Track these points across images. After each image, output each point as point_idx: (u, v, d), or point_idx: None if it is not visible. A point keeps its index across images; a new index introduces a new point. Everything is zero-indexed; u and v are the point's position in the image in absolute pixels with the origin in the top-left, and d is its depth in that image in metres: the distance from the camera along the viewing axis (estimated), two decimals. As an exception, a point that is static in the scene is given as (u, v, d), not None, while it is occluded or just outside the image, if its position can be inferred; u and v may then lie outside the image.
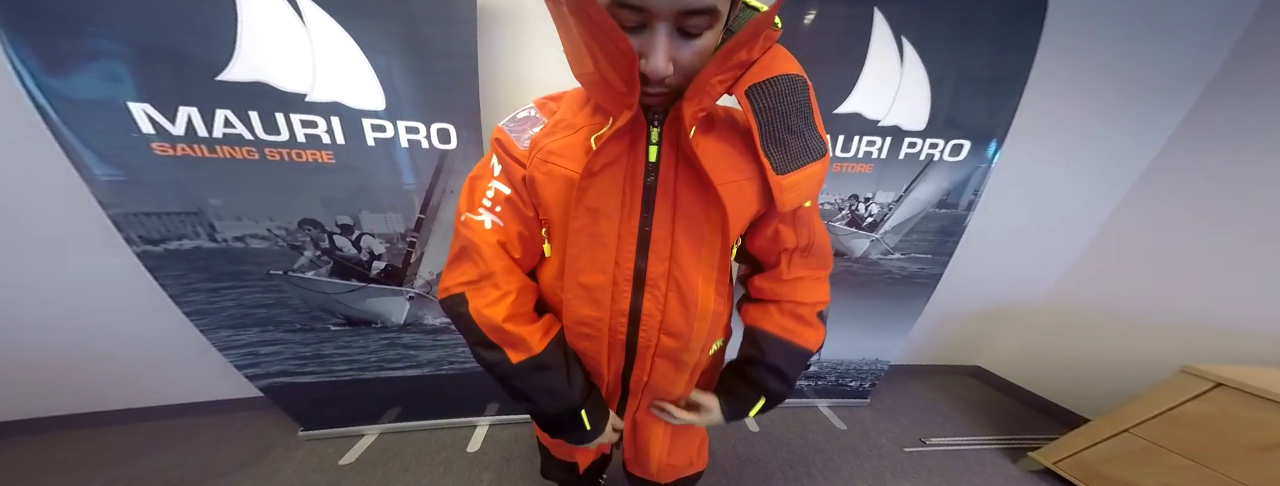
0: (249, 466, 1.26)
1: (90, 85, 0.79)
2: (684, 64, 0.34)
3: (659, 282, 0.46)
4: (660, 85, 0.35)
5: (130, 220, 0.92)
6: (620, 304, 0.47)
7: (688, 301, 0.46)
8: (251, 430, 1.43)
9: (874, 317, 1.46)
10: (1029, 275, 1.71)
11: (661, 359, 0.51)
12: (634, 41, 0.32)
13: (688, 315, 0.47)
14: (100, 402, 1.39)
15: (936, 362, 1.96)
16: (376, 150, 0.96)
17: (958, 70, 1.09)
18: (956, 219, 1.29)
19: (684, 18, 0.30)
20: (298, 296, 1.11)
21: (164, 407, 1.45)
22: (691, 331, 0.48)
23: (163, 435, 1.39)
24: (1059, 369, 1.67)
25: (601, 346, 0.49)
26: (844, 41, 1.05)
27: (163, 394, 1.43)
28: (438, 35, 0.90)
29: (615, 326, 0.48)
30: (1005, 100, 1.12)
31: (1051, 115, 1.37)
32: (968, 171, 1.21)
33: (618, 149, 0.41)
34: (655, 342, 0.49)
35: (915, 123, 1.14)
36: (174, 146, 0.87)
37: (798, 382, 0.59)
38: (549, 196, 0.45)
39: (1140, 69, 1.32)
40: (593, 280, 0.45)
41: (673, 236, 0.45)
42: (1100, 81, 1.34)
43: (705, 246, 0.45)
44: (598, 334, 0.48)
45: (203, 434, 1.41)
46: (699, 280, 0.46)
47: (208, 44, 0.81)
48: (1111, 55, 1.31)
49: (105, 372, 1.33)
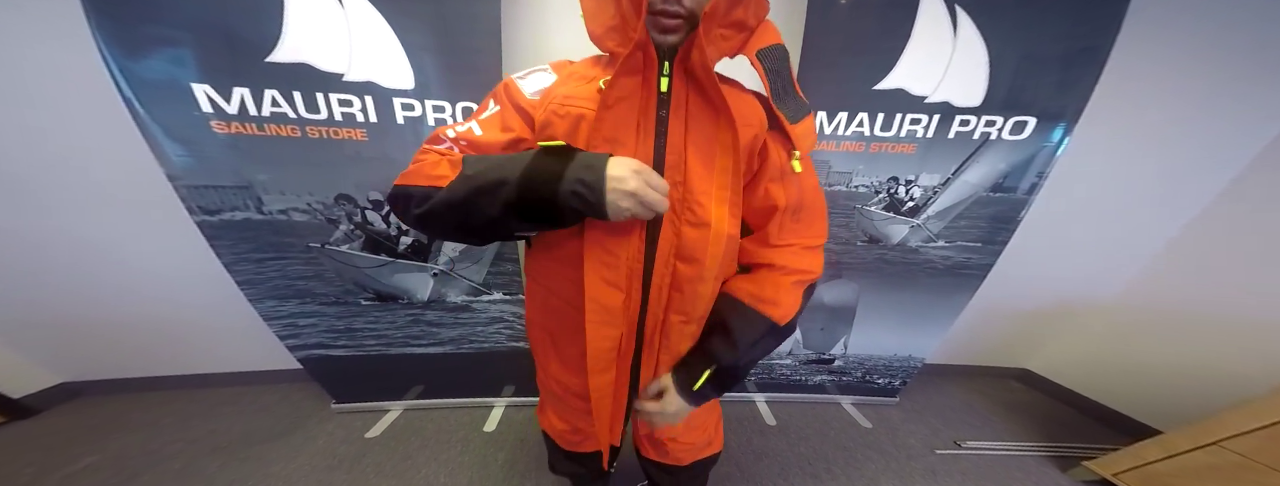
0: (286, 435, 1.39)
1: (160, 68, 0.88)
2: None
3: (673, 206, 0.47)
4: (678, 4, 0.41)
5: (192, 192, 1.02)
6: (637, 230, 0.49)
7: (700, 222, 0.47)
8: (290, 401, 1.56)
9: (910, 311, 1.39)
10: (1097, 272, 1.56)
11: (676, 292, 0.51)
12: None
13: (702, 237, 0.48)
14: (169, 368, 1.57)
15: (976, 363, 1.85)
16: (405, 128, 1.02)
17: (1023, 43, 1.01)
18: (1014, 204, 1.19)
19: None
20: (333, 269, 1.19)
21: (218, 375, 1.62)
22: (706, 256, 0.48)
23: (215, 400, 1.55)
24: (1125, 375, 1.55)
25: (620, 277, 0.49)
26: (885, 13, 0.99)
27: (219, 361, 1.60)
28: (464, 14, 0.94)
29: (633, 256, 0.49)
30: (1081, 76, 1.02)
31: (1137, 96, 1.24)
32: (1030, 152, 1.11)
33: (631, 84, 0.44)
34: (671, 271, 0.50)
35: (969, 99, 1.05)
36: (228, 124, 0.96)
37: (755, 358, 0.55)
38: (562, 135, 0.47)
39: (1252, 50, 1.16)
40: None
41: (686, 161, 0.47)
42: (1202, 61, 1.20)
43: (717, 168, 0.46)
44: (616, 262, 0.48)
45: (246, 401, 1.56)
46: (712, 202, 0.47)
47: (258, 28, 0.88)
48: (1215, 33, 1.15)
49: (175, 339, 1.51)
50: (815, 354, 1.53)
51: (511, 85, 0.51)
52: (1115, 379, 1.56)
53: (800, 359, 1.55)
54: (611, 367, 0.56)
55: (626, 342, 0.55)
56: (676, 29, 0.42)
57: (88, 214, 1.25)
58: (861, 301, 1.38)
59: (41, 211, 1.22)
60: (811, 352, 1.53)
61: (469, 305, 1.32)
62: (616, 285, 0.49)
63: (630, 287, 0.50)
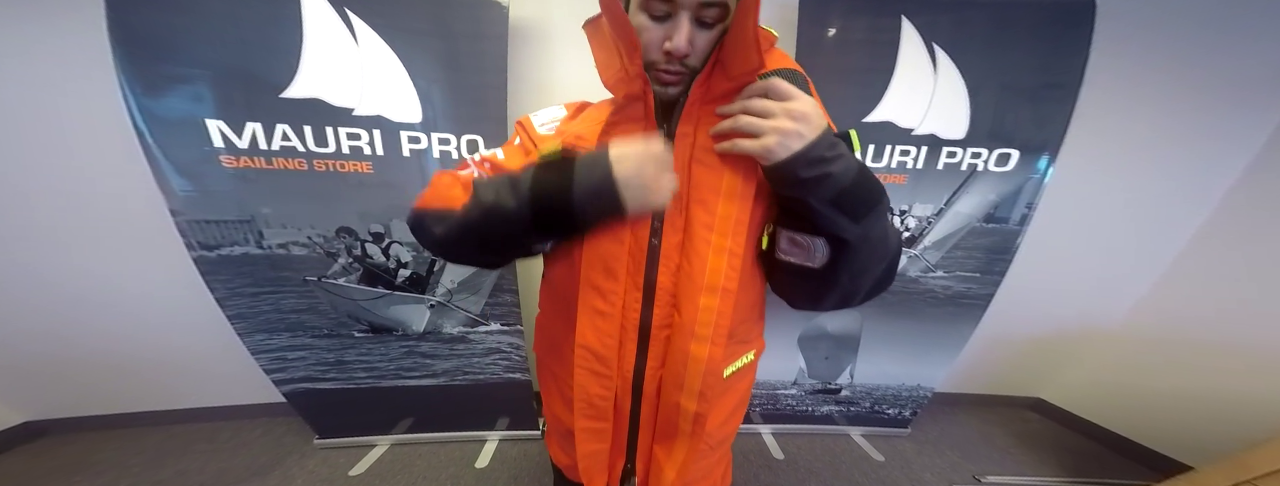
0: (263, 473, 1.35)
1: (177, 105, 0.95)
2: (700, 48, 0.42)
3: (672, 254, 0.47)
4: (680, 64, 0.42)
5: (193, 227, 1.06)
6: (635, 277, 0.48)
7: (696, 273, 0.46)
8: (270, 436, 1.53)
9: (914, 340, 1.42)
10: (1100, 298, 1.62)
11: (675, 347, 0.49)
12: (661, 28, 0.41)
13: (694, 287, 0.46)
14: (145, 403, 1.54)
15: (989, 392, 1.86)
16: (411, 161, 1.07)
17: (998, 78, 1.10)
18: (1007, 235, 1.25)
19: (702, 9, 0.39)
20: (328, 302, 1.21)
21: (198, 410, 1.59)
22: (697, 307, 0.46)
23: (191, 437, 1.51)
24: (1139, 403, 1.56)
25: (614, 326, 0.49)
26: (871, 50, 1.09)
27: (197, 397, 1.57)
28: (471, 51, 1.03)
29: (629, 302, 0.49)
30: (1056, 108, 1.11)
31: (1117, 124, 1.35)
32: (1017, 183, 1.18)
33: (631, 130, 0.46)
34: (669, 323, 0.49)
35: (953, 131, 1.14)
36: (238, 159, 1.01)
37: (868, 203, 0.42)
38: None
39: (1221, 74, 1.28)
40: (609, 249, 0.47)
41: (687, 208, 0.46)
42: (1177, 86, 1.31)
43: (718, 217, 0.45)
44: (612, 309, 0.48)
45: (223, 437, 1.52)
46: (710, 252, 0.45)
47: (276, 65, 0.96)
48: (1184, 61, 1.27)
49: (151, 375, 1.49)
50: (821, 383, 1.54)
51: (526, 121, 0.56)
52: (1130, 408, 1.57)
53: (806, 388, 1.55)
54: (606, 421, 0.53)
55: (622, 397, 0.53)
56: (675, 83, 0.44)
57: (74, 249, 1.26)
58: (865, 330, 1.42)
59: (23, 245, 1.23)
60: (817, 382, 1.53)
61: (465, 336, 1.32)
62: (609, 334, 0.48)
63: (624, 337, 0.49)
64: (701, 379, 0.49)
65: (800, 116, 0.37)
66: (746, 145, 0.39)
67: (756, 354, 0.60)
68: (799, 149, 0.37)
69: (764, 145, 0.38)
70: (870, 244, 0.42)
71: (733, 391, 0.59)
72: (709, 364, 0.48)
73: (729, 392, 0.58)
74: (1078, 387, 1.72)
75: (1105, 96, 1.26)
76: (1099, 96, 1.22)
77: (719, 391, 0.53)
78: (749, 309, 0.53)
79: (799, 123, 0.37)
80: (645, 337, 0.50)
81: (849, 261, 0.43)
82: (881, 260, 0.44)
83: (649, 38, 0.41)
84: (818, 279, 0.45)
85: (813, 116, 0.37)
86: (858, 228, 0.40)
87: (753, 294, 0.53)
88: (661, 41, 0.40)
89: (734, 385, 0.58)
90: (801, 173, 0.37)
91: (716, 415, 0.56)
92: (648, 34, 0.41)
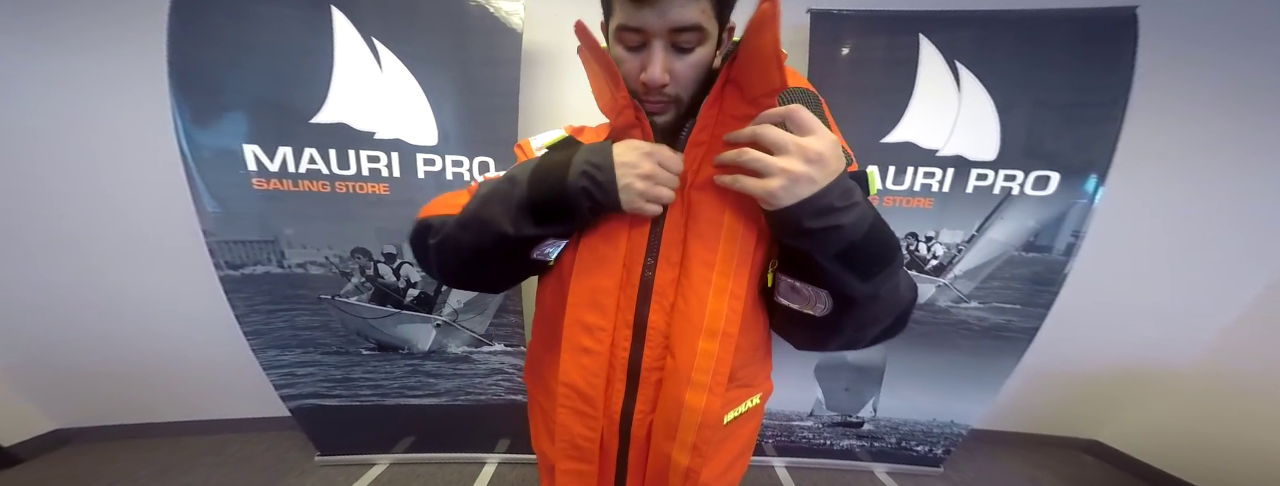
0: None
1: (220, 131, 1.03)
2: (680, 75, 0.40)
3: (667, 291, 0.44)
4: (660, 93, 0.41)
5: (222, 247, 1.12)
6: (625, 314, 0.45)
7: (694, 313, 0.43)
8: (274, 452, 1.54)
9: (945, 374, 1.32)
10: (1166, 334, 1.47)
11: (667, 392, 0.45)
12: (638, 58, 0.39)
13: (691, 328, 0.43)
14: (161, 415, 1.59)
15: (1037, 431, 1.70)
16: (426, 182, 1.11)
17: (1031, 95, 1.06)
18: (1052, 265, 1.16)
19: (675, 34, 0.37)
20: (339, 320, 1.23)
21: (209, 422, 1.63)
22: (694, 351, 0.43)
23: (200, 449, 1.55)
24: (1211, 449, 1.38)
25: (602, 364, 0.46)
26: (887, 69, 1.07)
27: (210, 409, 1.61)
28: (486, 75, 1.08)
29: (619, 340, 0.46)
30: (1101, 127, 1.04)
31: (1170, 143, 1.24)
32: (1061, 208, 1.10)
33: None
34: (660, 365, 0.46)
35: (983, 152, 1.08)
36: (268, 181, 1.07)
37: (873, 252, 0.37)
38: None
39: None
40: (600, 283, 0.44)
41: (685, 241, 0.43)
42: (1236, 99, 1.20)
43: (720, 256, 0.42)
44: (599, 348, 0.45)
45: (230, 451, 1.54)
46: (710, 293, 0.42)
47: (308, 93, 1.03)
48: (1236, 72, 1.18)
49: (169, 386, 1.54)
50: (840, 416, 1.43)
51: (525, 144, 0.55)
52: (1201, 454, 1.39)
53: (824, 420, 1.44)
54: (590, 464, 0.49)
55: (609, 440, 0.49)
56: (661, 112, 0.43)
57: (113, 266, 1.36)
58: (890, 361, 1.32)
59: (59, 266, 1.33)
60: (836, 414, 1.43)
61: (469, 356, 1.31)
62: (596, 373, 0.46)
63: (612, 377, 0.46)
64: (696, 431, 0.44)
65: (815, 158, 0.33)
66: (749, 184, 0.35)
67: (763, 397, 0.56)
68: (806, 195, 0.33)
69: (767, 187, 0.33)
70: (879, 301, 0.38)
71: (734, 438, 0.54)
72: (706, 415, 0.43)
73: (730, 439, 0.53)
74: (1141, 430, 1.55)
75: (1153, 113, 1.17)
76: (1147, 113, 1.14)
77: (717, 442, 0.48)
78: (752, 350, 0.50)
79: (812, 165, 0.33)
80: (635, 379, 0.47)
81: (854, 316, 0.40)
82: (892, 313, 0.41)
83: (627, 70, 0.40)
84: (819, 326, 0.42)
85: (829, 158, 0.33)
86: (866, 286, 0.36)
87: (757, 334, 0.50)
88: (639, 72, 0.39)
89: (736, 431, 0.53)
90: (806, 223, 0.33)
91: (714, 466, 0.50)
92: (625, 66, 0.40)
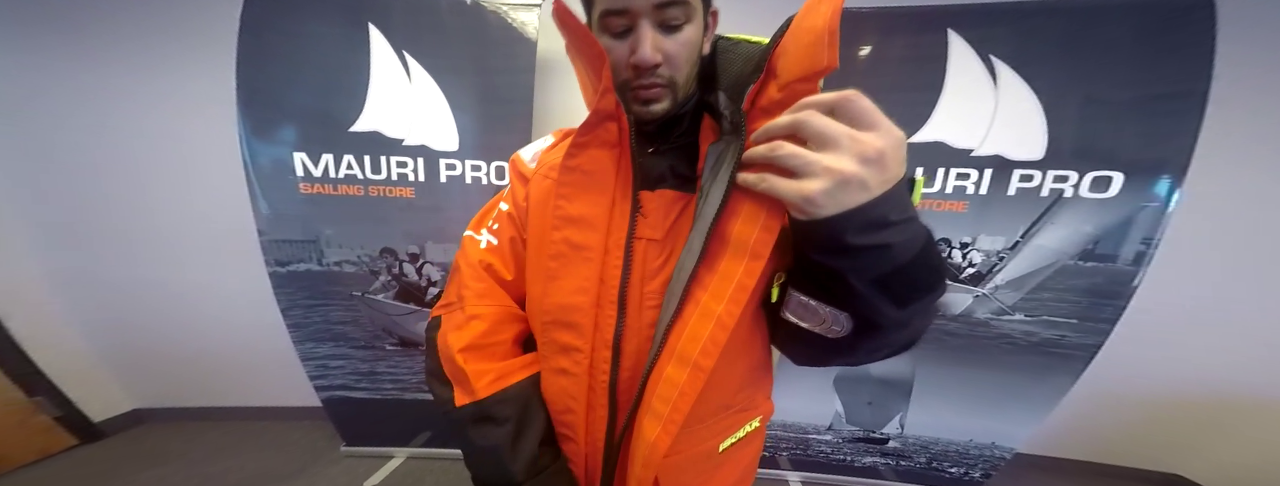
0: (292, 477, 1.46)
1: (275, 142, 1.17)
2: (671, 53, 0.38)
3: (640, 308, 0.41)
4: (654, 75, 0.38)
5: (271, 246, 1.25)
6: (604, 333, 0.41)
7: (670, 333, 0.38)
8: (307, 440, 1.66)
9: (985, 391, 1.20)
10: (1266, 359, 1.25)
11: (651, 415, 0.39)
12: (626, 44, 0.37)
13: (665, 350, 0.38)
14: (219, 400, 1.77)
15: (1103, 460, 1.51)
16: (448, 186, 1.19)
17: (1082, 90, 0.97)
18: (1116, 275, 1.03)
19: (660, 11, 0.35)
20: (367, 316, 1.32)
21: (252, 409, 1.78)
22: (659, 377, 0.38)
23: (243, 434, 1.69)
24: None
25: (580, 387, 0.43)
26: (914, 67, 1.02)
27: (257, 396, 1.76)
28: (503, 83, 1.16)
29: (598, 362, 0.42)
30: (1175, 121, 0.93)
31: (1274, 139, 1.06)
32: (1127, 213, 0.98)
33: (600, 157, 0.41)
34: (642, 387, 0.41)
35: (1027, 152, 1.00)
36: (313, 185, 1.19)
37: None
38: (536, 203, 0.46)
39: None
40: (572, 301, 0.41)
41: (674, 250, 0.39)
42: None
43: (717, 274, 0.35)
44: (577, 369, 0.42)
45: (269, 437, 1.67)
46: (694, 313, 0.37)
47: (348, 103, 1.15)
48: None
49: (226, 372, 1.72)
50: (862, 431, 1.33)
51: (516, 159, 0.53)
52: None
53: (844, 435, 1.35)
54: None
55: (593, 463, 0.45)
56: (658, 98, 0.39)
57: (184, 260, 1.55)
58: (919, 375, 1.22)
59: (148, 262, 1.53)
60: (858, 429, 1.33)
61: (484, 357, 1.34)
62: (575, 397, 0.44)
63: (593, 401, 0.43)
64: (644, 467, 0.39)
65: (874, 157, 0.25)
66: (781, 187, 0.28)
67: (763, 419, 0.52)
68: (855, 205, 0.26)
69: (803, 192, 0.26)
70: (908, 328, 0.33)
71: (732, 464, 0.50)
72: (651, 449, 0.38)
73: (727, 466, 0.49)
74: (1237, 466, 1.32)
75: (1230, 109, 1.02)
76: (1223, 108, 0.99)
77: (709, 470, 0.46)
78: (749, 372, 0.46)
79: (868, 166, 0.25)
80: (615, 401, 0.43)
81: (874, 341, 0.34)
82: (913, 338, 0.35)
83: (616, 57, 0.38)
84: (829, 347, 0.36)
85: (891, 160, 0.26)
86: (900, 313, 0.30)
87: (753, 356, 0.46)
88: (628, 58, 0.37)
89: (733, 457, 0.49)
90: (851, 238, 0.26)
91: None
92: (614, 53, 0.37)
